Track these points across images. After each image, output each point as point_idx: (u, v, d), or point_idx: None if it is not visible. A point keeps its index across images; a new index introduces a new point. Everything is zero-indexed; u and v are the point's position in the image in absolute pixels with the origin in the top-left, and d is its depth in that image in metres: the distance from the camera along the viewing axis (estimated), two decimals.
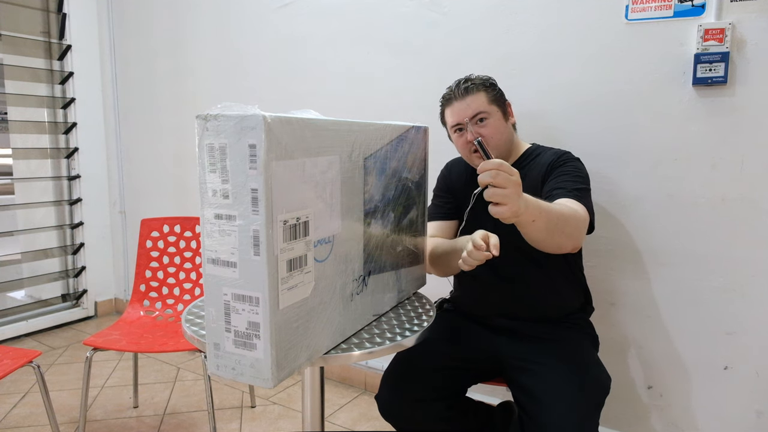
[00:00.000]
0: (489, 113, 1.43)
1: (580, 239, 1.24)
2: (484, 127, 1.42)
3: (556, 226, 1.15)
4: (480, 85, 1.44)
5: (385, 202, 1.20)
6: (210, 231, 0.87)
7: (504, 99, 1.49)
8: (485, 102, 1.43)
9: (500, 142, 1.44)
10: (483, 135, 1.41)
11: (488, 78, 1.49)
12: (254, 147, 0.81)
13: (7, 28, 2.83)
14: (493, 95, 1.45)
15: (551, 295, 1.43)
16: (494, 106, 1.44)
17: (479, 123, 1.43)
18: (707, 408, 1.65)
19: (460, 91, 1.44)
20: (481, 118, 1.42)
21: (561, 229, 1.17)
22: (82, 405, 1.83)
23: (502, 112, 1.46)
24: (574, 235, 1.21)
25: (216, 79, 2.70)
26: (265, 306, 0.85)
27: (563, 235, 1.18)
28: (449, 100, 1.46)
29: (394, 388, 1.43)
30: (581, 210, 1.26)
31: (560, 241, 1.19)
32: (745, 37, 1.48)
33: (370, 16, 2.14)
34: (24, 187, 3.15)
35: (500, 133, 1.44)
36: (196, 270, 2.18)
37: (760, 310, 1.55)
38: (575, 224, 1.21)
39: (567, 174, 1.37)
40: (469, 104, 1.43)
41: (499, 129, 1.44)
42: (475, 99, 1.43)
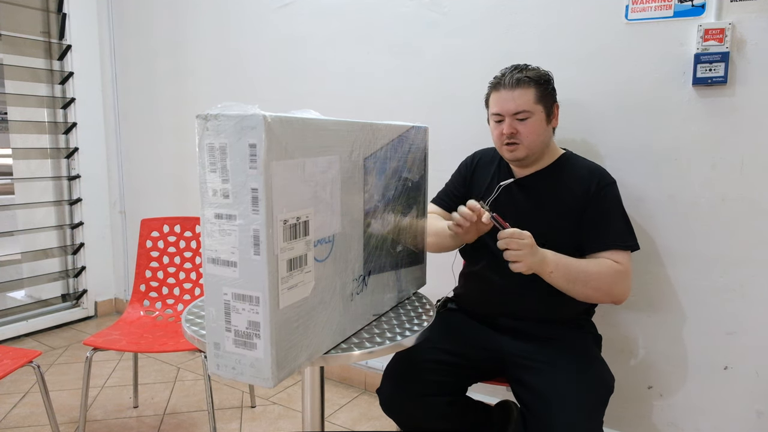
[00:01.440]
0: (532, 112, 1.39)
1: (617, 292, 1.34)
2: (523, 125, 1.39)
3: (577, 279, 1.31)
4: (532, 81, 1.39)
5: (385, 202, 1.20)
6: (210, 230, 0.87)
7: (553, 99, 1.45)
8: (532, 100, 1.39)
9: (535, 144, 1.41)
10: (520, 132, 1.40)
11: (544, 73, 1.44)
12: (254, 147, 0.81)
13: (7, 28, 2.83)
14: (542, 93, 1.41)
15: (555, 298, 1.43)
16: (540, 105, 1.40)
17: (519, 120, 1.40)
18: (707, 408, 1.65)
19: (511, 81, 1.40)
20: (523, 117, 1.39)
21: (584, 282, 1.31)
22: (82, 405, 1.83)
23: (546, 113, 1.42)
24: (603, 289, 1.33)
25: (216, 79, 2.70)
26: (265, 305, 0.85)
27: (588, 288, 1.32)
28: (497, 86, 1.43)
29: (396, 383, 1.43)
30: (622, 262, 1.35)
31: (587, 293, 1.33)
32: (745, 37, 1.48)
33: (370, 16, 2.14)
34: (24, 187, 3.15)
35: (537, 135, 1.41)
36: (196, 270, 2.18)
37: (760, 310, 1.55)
38: (605, 279, 1.32)
39: (607, 214, 1.41)
40: (515, 98, 1.39)
41: (537, 130, 1.41)
42: (523, 94, 1.39)
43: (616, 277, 1.33)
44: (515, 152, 1.42)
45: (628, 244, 1.39)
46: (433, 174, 1.93)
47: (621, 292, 1.35)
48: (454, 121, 1.97)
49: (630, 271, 1.36)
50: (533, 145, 1.41)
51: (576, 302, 1.45)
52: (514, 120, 1.40)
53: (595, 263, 1.33)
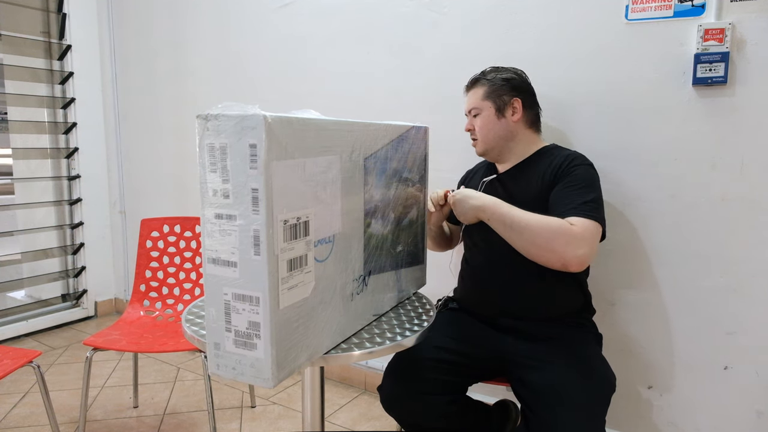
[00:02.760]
0: (481, 109, 1.52)
1: (559, 251, 1.24)
2: (476, 120, 1.54)
3: (513, 226, 1.30)
4: (484, 80, 1.53)
5: (385, 202, 1.20)
6: (210, 231, 0.87)
7: (508, 94, 1.51)
8: (479, 98, 1.52)
9: (488, 138, 1.52)
10: (474, 128, 1.54)
11: (505, 71, 1.53)
12: (255, 147, 0.81)
13: (7, 28, 2.83)
14: (490, 90, 1.51)
15: (547, 297, 1.43)
16: (488, 101, 1.51)
17: (474, 118, 1.54)
18: (707, 408, 1.65)
19: (469, 83, 1.57)
20: (475, 114, 1.54)
21: (519, 232, 1.29)
22: (82, 405, 1.83)
23: (496, 107, 1.51)
24: (541, 244, 1.26)
25: (216, 79, 2.70)
26: (265, 306, 0.85)
27: (524, 240, 1.28)
28: (466, 90, 1.59)
29: (396, 381, 1.43)
30: (579, 223, 1.27)
31: (525, 246, 1.29)
32: (745, 37, 1.48)
33: (370, 16, 2.14)
34: (24, 187, 3.15)
35: (488, 129, 1.51)
36: (196, 270, 2.18)
37: (760, 310, 1.55)
38: (544, 233, 1.26)
39: (574, 185, 1.37)
40: (468, 98, 1.57)
41: (487, 125, 1.51)
42: (473, 94, 1.55)
43: (561, 236, 1.24)
44: (476, 147, 1.57)
45: (590, 213, 1.29)
46: (433, 174, 1.93)
47: (563, 251, 1.24)
48: (454, 121, 1.97)
49: (587, 236, 1.26)
50: (486, 139, 1.52)
51: (568, 300, 1.45)
52: (471, 118, 1.56)
53: (541, 217, 1.28)
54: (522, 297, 1.44)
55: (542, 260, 1.28)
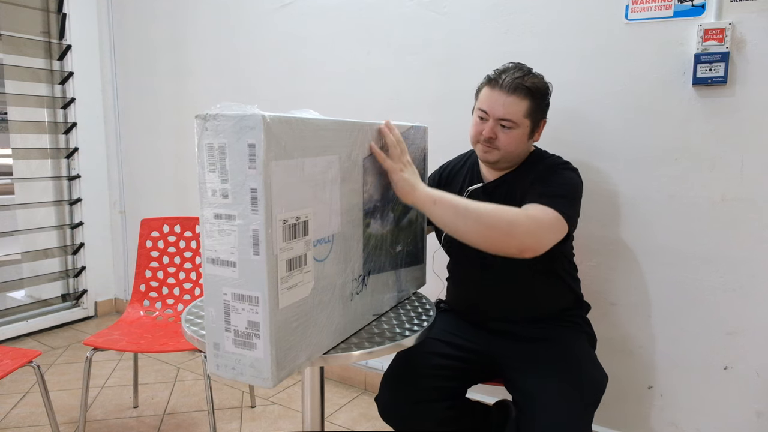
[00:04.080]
0: (518, 125, 1.34)
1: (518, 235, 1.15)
2: (505, 133, 1.34)
3: (467, 214, 1.14)
4: (529, 91, 1.33)
5: (384, 201, 1.20)
6: (209, 231, 0.87)
7: (543, 115, 1.40)
8: (522, 112, 1.33)
9: (511, 154, 1.38)
10: (499, 139, 1.34)
11: (544, 86, 1.38)
12: (253, 147, 0.81)
13: (7, 28, 2.83)
14: (534, 108, 1.35)
15: (533, 297, 1.43)
16: (528, 120, 1.35)
17: (502, 127, 1.34)
18: (707, 408, 1.65)
19: (509, 85, 1.32)
20: (507, 126, 1.34)
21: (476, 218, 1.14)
22: (82, 405, 1.83)
23: (532, 128, 1.37)
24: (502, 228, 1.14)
25: (216, 79, 2.70)
26: (264, 305, 0.85)
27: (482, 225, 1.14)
28: (493, 83, 1.35)
29: (393, 390, 1.42)
30: (535, 211, 1.20)
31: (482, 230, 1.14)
32: (745, 37, 1.48)
33: (370, 16, 2.14)
34: (24, 187, 3.15)
35: (515, 147, 1.36)
36: (196, 270, 2.18)
37: (760, 310, 1.54)
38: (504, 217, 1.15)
39: (545, 181, 1.32)
40: (506, 105, 1.32)
41: (516, 143, 1.35)
42: (515, 103, 1.32)
43: (518, 220, 1.16)
44: (488, 155, 1.38)
45: (552, 202, 1.22)
46: None
47: (523, 235, 1.16)
48: (454, 121, 1.97)
49: (541, 219, 1.19)
50: (508, 155, 1.37)
51: (554, 301, 1.45)
52: (498, 125, 1.34)
53: (494, 205, 1.18)
54: (507, 299, 1.44)
55: (498, 245, 1.17)
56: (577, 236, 1.74)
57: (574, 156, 1.63)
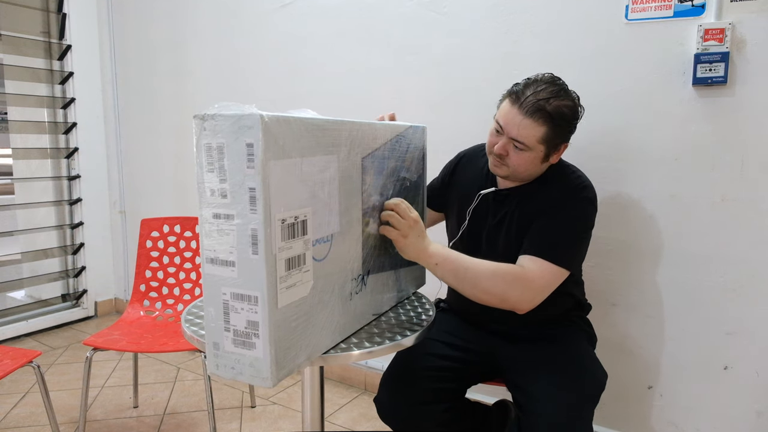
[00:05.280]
0: (531, 149, 1.29)
1: (512, 300, 1.22)
2: (516, 153, 1.30)
3: (465, 278, 1.22)
4: (549, 117, 1.26)
5: (383, 201, 1.20)
6: (208, 230, 0.87)
7: (563, 139, 1.32)
8: (536, 137, 1.27)
9: (520, 174, 1.34)
10: (510, 157, 1.31)
11: (571, 111, 1.29)
12: (252, 146, 0.81)
13: (7, 28, 2.83)
14: (551, 134, 1.28)
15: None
16: (542, 145, 1.29)
17: (515, 147, 1.29)
18: (707, 408, 1.64)
19: (528, 106, 1.26)
20: (519, 147, 1.29)
21: (473, 284, 1.22)
22: (82, 405, 1.83)
23: (546, 152, 1.31)
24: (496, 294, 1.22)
25: (216, 79, 2.70)
26: (263, 305, 0.85)
27: (478, 290, 1.22)
28: (515, 100, 1.28)
29: (393, 392, 1.42)
30: (531, 271, 1.23)
31: (477, 295, 1.23)
32: (745, 37, 1.48)
33: (370, 16, 2.14)
34: (24, 187, 3.15)
35: (525, 168, 1.32)
36: (196, 270, 2.18)
37: (760, 310, 1.54)
38: (498, 285, 1.21)
39: (550, 228, 1.29)
40: (521, 127, 1.27)
41: (526, 165, 1.31)
42: (531, 127, 1.26)
43: (513, 286, 1.21)
44: (497, 169, 1.36)
45: (552, 255, 1.24)
46: (431, 174, 1.92)
47: (516, 300, 1.22)
48: (453, 121, 1.97)
49: (537, 281, 1.23)
50: (518, 174, 1.35)
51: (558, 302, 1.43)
52: (510, 144, 1.30)
53: (491, 265, 1.22)
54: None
55: (493, 305, 1.25)
56: None
57: (574, 156, 1.63)
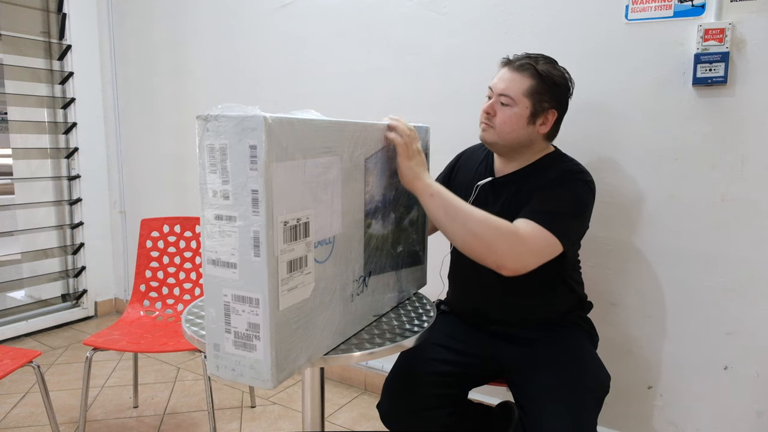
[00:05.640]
0: (516, 102, 1.30)
1: (499, 251, 1.14)
2: (502, 110, 1.32)
3: (456, 215, 1.15)
4: (535, 71, 1.30)
5: (385, 202, 1.20)
6: (210, 232, 0.87)
7: (550, 103, 1.33)
8: (520, 90, 1.30)
9: (506, 135, 1.33)
10: (496, 116, 1.33)
11: (559, 75, 1.33)
12: (255, 148, 0.81)
13: (7, 28, 2.83)
14: (537, 89, 1.30)
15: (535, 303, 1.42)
16: (528, 99, 1.30)
17: (501, 105, 1.32)
18: (707, 408, 1.65)
19: (516, 63, 1.33)
20: (504, 102, 1.31)
21: (463, 223, 1.14)
22: (82, 405, 1.83)
23: (532, 111, 1.31)
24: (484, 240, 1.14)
25: (216, 79, 2.70)
26: (265, 307, 0.85)
27: (467, 231, 1.14)
28: (506, 63, 1.36)
29: (394, 398, 1.42)
30: (524, 230, 1.18)
31: (465, 237, 1.15)
32: (745, 37, 1.48)
33: (370, 16, 2.14)
34: (24, 187, 3.15)
35: (511, 127, 1.32)
36: (196, 270, 2.18)
37: (760, 310, 1.55)
38: (489, 231, 1.14)
39: (551, 193, 1.28)
40: (507, 80, 1.31)
41: (512, 123, 1.31)
42: (517, 80, 1.30)
43: (503, 236, 1.15)
44: (485, 133, 1.36)
45: (547, 222, 1.20)
46: (434, 174, 1.92)
47: (503, 252, 1.14)
48: (454, 121, 1.97)
49: (528, 240, 1.17)
50: (503, 135, 1.33)
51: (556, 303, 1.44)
52: (498, 102, 1.33)
53: (485, 213, 1.17)
54: (508, 302, 1.42)
55: (477, 255, 1.17)
56: None
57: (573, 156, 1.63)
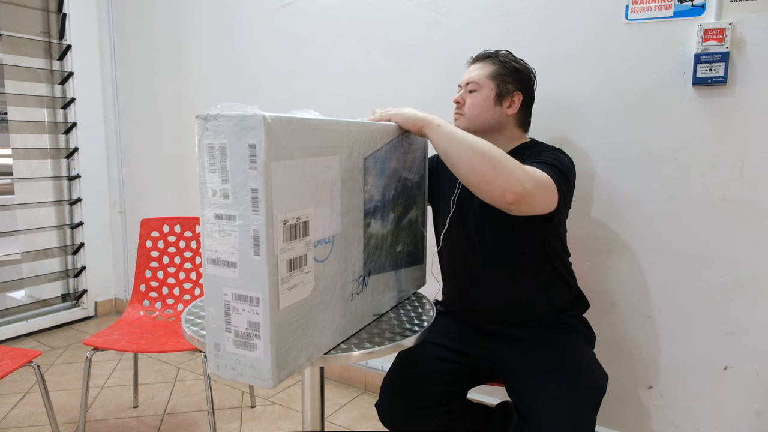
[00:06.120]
0: (481, 86, 1.41)
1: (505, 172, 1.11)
2: (470, 96, 1.43)
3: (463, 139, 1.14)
4: (496, 59, 1.43)
5: (384, 202, 1.20)
6: (210, 231, 0.87)
7: (514, 85, 1.41)
8: (484, 75, 1.42)
9: (475, 118, 1.41)
10: (465, 103, 1.43)
11: (520, 62, 1.44)
12: (254, 147, 0.81)
13: (7, 28, 2.83)
14: (499, 71, 1.41)
15: (529, 296, 1.42)
16: (492, 81, 1.41)
17: (469, 92, 1.43)
18: (707, 408, 1.65)
19: (478, 56, 1.48)
20: (472, 89, 1.43)
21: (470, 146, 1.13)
22: (82, 405, 1.83)
23: (498, 92, 1.40)
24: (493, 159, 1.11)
25: (216, 79, 2.70)
26: (265, 306, 0.85)
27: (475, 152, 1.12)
28: (470, 62, 1.51)
29: (393, 397, 1.42)
30: (527, 167, 1.17)
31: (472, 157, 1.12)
32: (745, 37, 1.48)
33: (370, 16, 2.14)
34: (24, 187, 3.15)
35: (480, 110, 1.41)
36: (196, 270, 2.18)
37: (760, 310, 1.55)
38: (497, 153, 1.12)
39: (540, 154, 1.32)
40: (473, 70, 1.45)
41: (481, 105, 1.41)
42: (479, 68, 1.44)
43: (510, 160, 1.13)
44: (456, 122, 1.45)
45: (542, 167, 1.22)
46: None
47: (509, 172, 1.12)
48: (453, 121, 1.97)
49: (536, 176, 1.17)
50: (473, 119, 1.42)
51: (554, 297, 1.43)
52: (466, 91, 1.44)
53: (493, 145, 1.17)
54: (503, 298, 1.42)
55: (481, 180, 1.13)
56: (577, 236, 1.75)
57: (573, 155, 1.63)
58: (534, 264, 1.41)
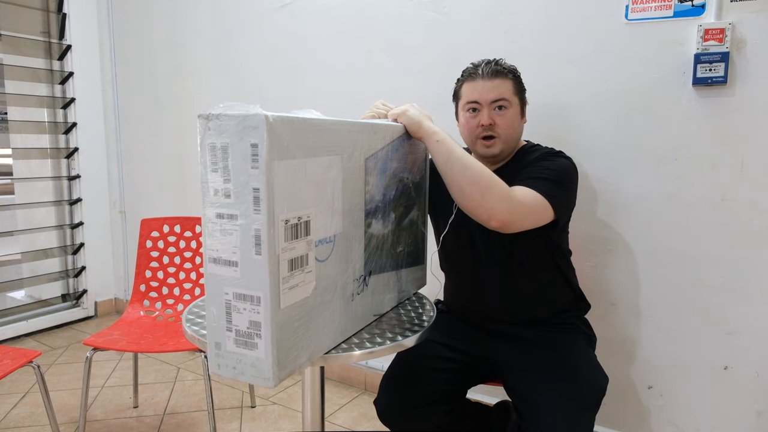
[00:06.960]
0: (511, 103, 1.37)
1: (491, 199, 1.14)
2: (501, 115, 1.37)
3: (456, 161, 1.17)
4: (509, 73, 1.39)
5: (386, 202, 1.20)
6: (211, 230, 0.87)
7: (524, 96, 1.45)
8: (511, 90, 1.38)
9: (510, 138, 1.39)
10: (497, 124, 1.36)
11: (515, 68, 1.43)
12: (256, 146, 0.81)
13: (7, 28, 2.83)
14: (518, 87, 1.41)
15: (532, 296, 1.42)
16: (517, 97, 1.40)
17: (498, 110, 1.37)
18: (707, 408, 1.65)
19: (488, 71, 1.37)
20: (501, 106, 1.37)
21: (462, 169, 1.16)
22: (82, 405, 1.83)
23: (521, 106, 1.42)
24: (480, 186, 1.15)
25: (216, 79, 2.70)
26: (266, 305, 0.85)
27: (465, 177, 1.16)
28: (473, 76, 1.39)
29: (392, 394, 1.42)
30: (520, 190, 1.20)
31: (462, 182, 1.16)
32: (745, 37, 1.49)
33: (370, 16, 2.14)
34: (24, 187, 3.15)
35: (513, 128, 1.39)
36: (196, 270, 2.18)
37: (760, 310, 1.55)
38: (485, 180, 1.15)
39: (536, 167, 1.32)
40: (496, 87, 1.36)
41: (514, 123, 1.38)
42: (502, 84, 1.37)
43: (498, 187, 1.16)
44: (492, 148, 1.38)
45: (537, 186, 1.23)
46: None
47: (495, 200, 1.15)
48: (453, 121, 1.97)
49: (519, 197, 1.19)
50: (509, 139, 1.38)
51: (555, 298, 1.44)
52: (492, 110, 1.37)
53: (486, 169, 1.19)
54: (505, 298, 1.42)
55: (469, 204, 1.18)
56: (577, 236, 1.75)
57: (574, 156, 1.63)
58: (536, 264, 1.41)
